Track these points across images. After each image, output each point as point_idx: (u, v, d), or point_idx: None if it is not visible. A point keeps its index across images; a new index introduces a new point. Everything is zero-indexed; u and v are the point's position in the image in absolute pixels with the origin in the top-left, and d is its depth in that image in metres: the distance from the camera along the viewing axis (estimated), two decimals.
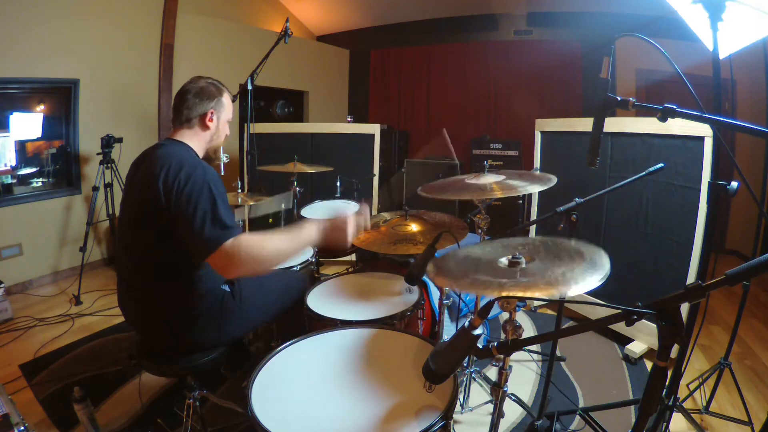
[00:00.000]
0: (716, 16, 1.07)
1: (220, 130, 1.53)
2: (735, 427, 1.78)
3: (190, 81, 1.48)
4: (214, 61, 4.47)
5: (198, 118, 1.46)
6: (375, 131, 3.82)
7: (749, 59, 1.80)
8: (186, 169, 1.26)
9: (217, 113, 1.49)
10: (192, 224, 1.19)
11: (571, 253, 1.02)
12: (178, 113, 1.46)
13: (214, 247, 1.17)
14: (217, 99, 1.48)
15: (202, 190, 1.23)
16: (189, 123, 1.45)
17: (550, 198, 2.96)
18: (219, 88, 1.51)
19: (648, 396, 0.70)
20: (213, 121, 1.48)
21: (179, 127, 1.46)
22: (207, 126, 1.47)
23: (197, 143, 1.48)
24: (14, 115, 3.24)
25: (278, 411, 0.99)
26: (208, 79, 1.50)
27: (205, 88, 1.47)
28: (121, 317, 2.79)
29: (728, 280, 0.57)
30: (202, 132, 1.48)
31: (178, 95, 1.46)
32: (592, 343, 2.49)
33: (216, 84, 1.51)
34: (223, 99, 1.51)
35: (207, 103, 1.46)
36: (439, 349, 0.85)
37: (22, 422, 1.28)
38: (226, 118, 1.54)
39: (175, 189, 1.23)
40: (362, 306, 1.63)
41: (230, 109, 1.56)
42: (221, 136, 1.56)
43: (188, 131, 1.46)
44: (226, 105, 1.52)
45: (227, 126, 1.56)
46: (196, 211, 1.20)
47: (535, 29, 5.17)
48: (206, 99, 1.46)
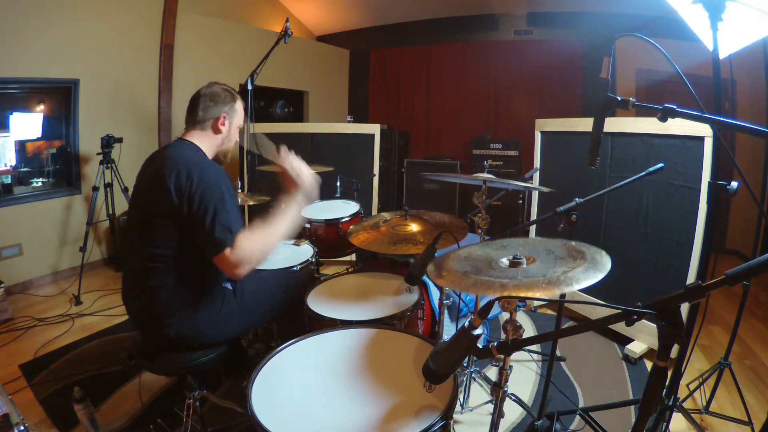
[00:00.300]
0: (716, 16, 1.07)
1: (231, 134, 1.57)
2: (735, 427, 1.78)
3: (206, 85, 1.53)
4: (214, 61, 4.47)
5: (211, 121, 1.50)
6: (375, 131, 3.82)
7: (749, 59, 1.80)
8: (198, 171, 1.31)
9: (230, 118, 1.53)
10: (203, 225, 1.26)
11: (572, 254, 1.02)
12: (192, 115, 1.50)
13: (220, 248, 1.25)
14: (230, 105, 1.53)
15: (214, 192, 1.29)
16: (202, 125, 1.49)
17: (550, 198, 2.97)
18: (233, 94, 1.55)
19: (648, 396, 0.70)
20: (225, 125, 1.52)
21: (192, 128, 1.50)
22: (219, 129, 1.51)
23: (207, 145, 1.51)
24: (14, 115, 3.24)
25: (278, 411, 0.99)
26: (222, 85, 1.55)
27: (220, 93, 1.51)
28: (121, 317, 2.80)
29: (728, 280, 0.57)
30: (214, 135, 1.52)
31: (193, 98, 1.51)
32: (592, 343, 2.49)
33: (230, 91, 1.56)
34: (236, 105, 1.55)
35: (221, 107, 1.50)
36: (439, 349, 0.85)
37: (22, 422, 1.28)
38: (238, 124, 1.58)
39: (187, 190, 1.28)
40: (362, 306, 1.63)
41: (242, 117, 1.60)
42: (231, 141, 1.59)
43: (200, 133, 1.50)
44: (238, 111, 1.56)
45: (237, 132, 1.60)
46: (207, 212, 1.27)
47: (535, 29, 5.17)
48: (220, 103, 1.50)
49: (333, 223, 2.51)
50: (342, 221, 2.51)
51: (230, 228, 1.27)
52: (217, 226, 1.25)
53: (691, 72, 1.27)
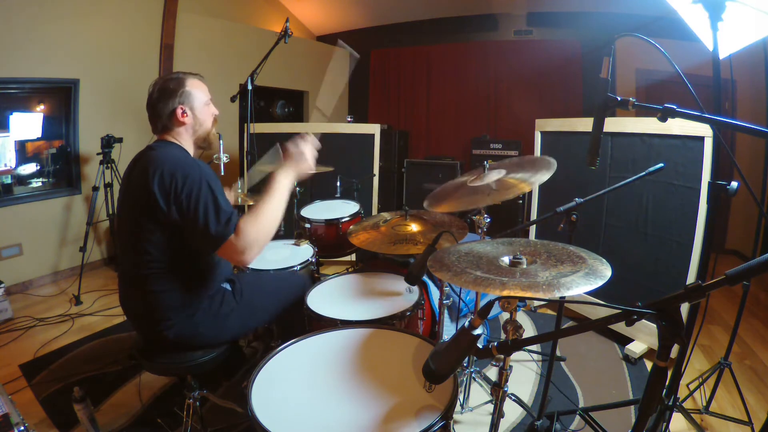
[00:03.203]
0: (716, 16, 1.07)
1: (200, 117, 1.47)
2: (735, 427, 1.78)
3: (150, 87, 1.44)
4: (214, 61, 4.47)
5: (170, 119, 1.42)
6: (375, 131, 3.83)
7: (749, 59, 1.80)
8: (181, 170, 1.27)
9: (188, 105, 1.43)
10: (196, 223, 1.24)
11: (573, 258, 1.02)
12: (153, 124, 1.44)
13: (221, 240, 1.23)
14: (180, 92, 1.41)
15: (201, 189, 1.26)
16: (166, 127, 1.44)
17: (550, 198, 2.97)
18: (178, 79, 1.43)
19: (648, 396, 0.70)
20: (187, 114, 1.43)
21: (161, 135, 1.45)
22: (182, 122, 1.43)
23: (184, 140, 1.46)
24: (14, 115, 3.24)
25: (278, 411, 0.99)
26: (164, 76, 1.44)
27: (163, 87, 1.41)
28: (121, 317, 2.80)
29: (728, 280, 0.57)
30: (183, 129, 1.45)
31: (147, 108, 1.44)
32: (592, 343, 2.49)
33: (174, 77, 1.43)
34: (186, 88, 1.42)
35: (171, 102, 1.40)
36: (439, 349, 0.85)
37: (22, 422, 1.28)
38: (201, 103, 1.46)
39: (173, 191, 1.25)
40: (362, 306, 1.63)
41: (202, 92, 1.47)
42: (204, 123, 1.49)
43: (170, 133, 1.45)
44: (193, 92, 1.44)
45: (208, 109, 1.49)
46: (197, 210, 1.24)
47: (535, 29, 5.17)
48: (168, 98, 1.40)
49: (333, 223, 2.51)
50: (342, 221, 2.51)
51: (227, 218, 1.24)
52: (211, 221, 1.23)
53: (691, 72, 1.27)
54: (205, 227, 1.23)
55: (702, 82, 1.18)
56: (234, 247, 1.24)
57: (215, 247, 1.24)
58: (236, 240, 1.23)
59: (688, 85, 1.07)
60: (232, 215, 1.27)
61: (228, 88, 3.82)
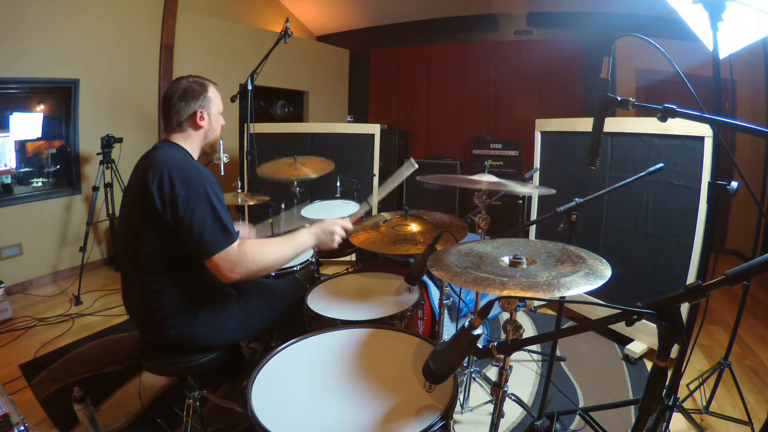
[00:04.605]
0: (716, 16, 1.07)
1: (213, 125, 1.50)
2: (735, 427, 1.78)
3: (172, 84, 1.45)
4: (214, 61, 4.47)
5: (188, 120, 1.43)
6: (375, 131, 3.82)
7: (749, 59, 1.80)
8: (182, 175, 1.27)
9: (207, 110, 1.46)
10: (191, 230, 1.23)
11: (573, 258, 1.02)
12: (168, 120, 1.44)
13: (213, 251, 1.23)
14: (203, 96, 1.44)
15: (199, 196, 1.25)
16: (180, 127, 1.44)
17: (550, 198, 2.97)
18: (202, 83, 1.46)
19: (648, 396, 0.70)
20: (204, 119, 1.45)
21: (171, 132, 1.45)
22: (199, 125, 1.45)
23: (191, 144, 1.47)
24: (14, 115, 3.24)
25: (278, 411, 0.99)
26: (189, 77, 1.46)
27: (188, 88, 1.42)
28: (121, 317, 2.80)
29: (728, 280, 0.57)
30: (195, 132, 1.46)
31: (164, 101, 1.44)
32: (592, 343, 2.49)
33: (198, 81, 1.46)
34: (209, 94, 1.46)
35: (194, 104, 1.42)
36: (439, 349, 0.85)
37: (22, 422, 1.28)
38: (217, 111, 1.51)
39: (171, 195, 1.24)
40: (362, 306, 1.63)
41: (219, 101, 1.51)
42: (216, 130, 1.53)
43: (181, 134, 1.45)
44: (213, 99, 1.48)
45: (220, 118, 1.54)
46: (194, 217, 1.23)
47: (535, 29, 5.17)
48: (192, 99, 1.42)
49: None
50: None
51: (225, 230, 1.25)
52: (207, 230, 1.22)
53: (691, 72, 1.27)
54: (201, 236, 1.22)
55: (702, 82, 1.18)
56: (228, 257, 1.24)
57: (205, 256, 1.24)
58: (236, 252, 1.25)
59: (688, 85, 1.07)
60: (229, 226, 1.26)
61: (228, 88, 3.79)
